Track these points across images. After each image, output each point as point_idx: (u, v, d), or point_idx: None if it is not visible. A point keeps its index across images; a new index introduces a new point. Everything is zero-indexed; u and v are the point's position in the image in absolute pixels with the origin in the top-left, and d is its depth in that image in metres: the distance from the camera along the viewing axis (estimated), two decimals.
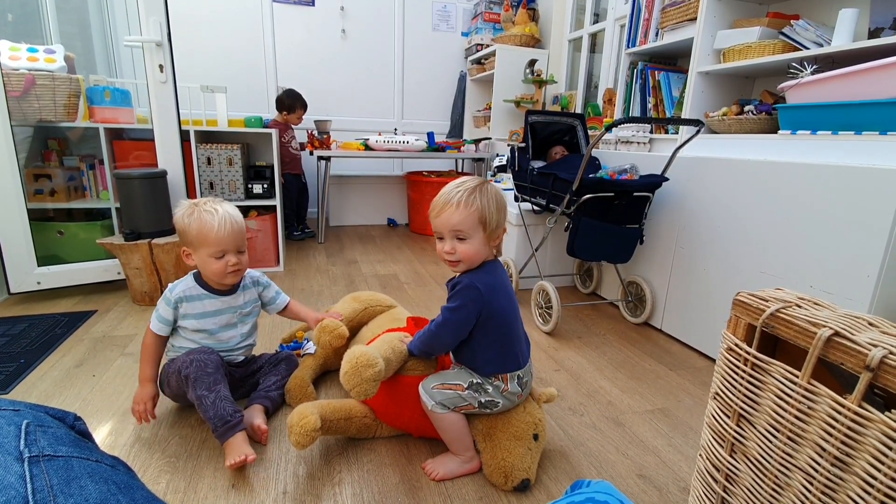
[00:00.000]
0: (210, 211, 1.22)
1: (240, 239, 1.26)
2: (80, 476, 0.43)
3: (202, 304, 1.29)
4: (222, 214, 1.23)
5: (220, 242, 1.22)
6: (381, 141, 3.45)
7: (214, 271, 1.25)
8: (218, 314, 1.31)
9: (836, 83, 1.49)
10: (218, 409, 1.14)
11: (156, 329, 1.27)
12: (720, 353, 0.77)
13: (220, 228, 1.21)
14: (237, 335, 1.35)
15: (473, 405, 1.10)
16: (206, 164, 2.54)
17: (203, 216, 1.22)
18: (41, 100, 2.10)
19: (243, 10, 3.73)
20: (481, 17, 4.02)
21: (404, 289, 2.49)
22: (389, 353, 1.12)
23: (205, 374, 1.18)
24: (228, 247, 1.23)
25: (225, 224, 1.22)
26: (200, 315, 1.28)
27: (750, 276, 1.61)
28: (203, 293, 1.29)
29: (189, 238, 1.24)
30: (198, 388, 1.16)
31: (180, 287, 1.28)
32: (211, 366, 1.20)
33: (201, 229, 1.21)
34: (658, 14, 2.29)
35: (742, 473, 0.73)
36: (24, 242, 2.02)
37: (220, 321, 1.31)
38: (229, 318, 1.33)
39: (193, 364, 1.19)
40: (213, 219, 1.21)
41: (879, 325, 0.62)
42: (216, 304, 1.30)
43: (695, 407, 1.48)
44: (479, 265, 1.11)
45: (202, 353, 1.23)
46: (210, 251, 1.23)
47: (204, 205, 1.24)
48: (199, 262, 1.26)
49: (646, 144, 2.32)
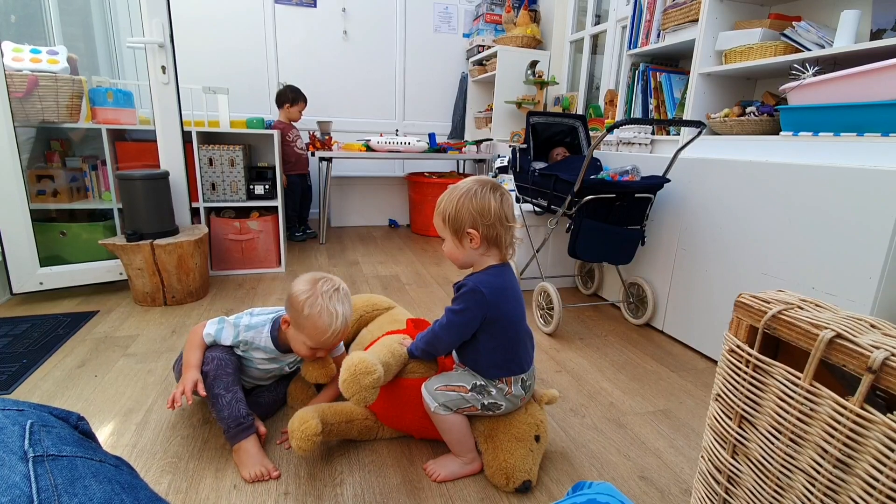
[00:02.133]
0: (331, 313, 1.16)
1: (341, 339, 1.24)
2: (84, 476, 0.43)
3: (262, 353, 1.28)
4: (339, 322, 1.16)
5: (322, 343, 1.18)
6: (382, 142, 3.45)
7: (299, 351, 1.23)
8: (269, 362, 1.31)
9: (838, 85, 1.49)
10: (233, 409, 1.14)
11: (207, 339, 1.24)
12: (722, 354, 0.77)
13: (332, 334, 1.16)
14: (274, 375, 1.37)
15: (476, 407, 1.10)
16: (208, 165, 2.54)
17: (323, 314, 1.15)
18: (44, 101, 2.11)
19: (245, 11, 3.74)
20: (483, 19, 4.03)
21: (406, 290, 2.49)
22: (388, 358, 1.12)
23: (224, 374, 1.18)
24: (327, 346, 1.21)
25: (335, 332, 1.17)
26: (255, 359, 1.28)
27: (752, 278, 1.61)
28: (270, 348, 1.27)
29: (298, 320, 1.18)
30: (216, 386, 1.16)
31: (255, 331, 1.25)
32: (231, 366, 1.20)
33: (315, 325, 1.16)
34: (659, 15, 2.29)
35: (744, 475, 0.73)
36: (27, 243, 2.02)
37: (264, 364, 1.31)
38: (273, 368, 1.33)
39: (214, 362, 1.18)
40: (332, 322, 1.16)
41: (881, 327, 0.62)
42: (273, 356, 1.29)
43: (696, 408, 1.48)
44: (485, 268, 1.10)
45: (223, 353, 1.22)
46: (309, 342, 1.19)
47: (327, 295, 1.17)
48: (293, 338, 1.22)
49: (647, 146, 2.32)
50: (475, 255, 1.10)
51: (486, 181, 1.10)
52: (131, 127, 2.43)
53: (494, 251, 1.10)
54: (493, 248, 1.10)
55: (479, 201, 1.06)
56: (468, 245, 1.08)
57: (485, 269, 1.10)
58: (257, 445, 1.14)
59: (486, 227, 1.06)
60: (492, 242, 1.09)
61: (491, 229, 1.07)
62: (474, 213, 1.06)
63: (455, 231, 1.08)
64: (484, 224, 1.06)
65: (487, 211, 1.06)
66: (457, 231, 1.08)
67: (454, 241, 1.09)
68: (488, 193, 1.07)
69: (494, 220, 1.06)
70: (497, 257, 1.11)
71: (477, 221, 1.06)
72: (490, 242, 1.08)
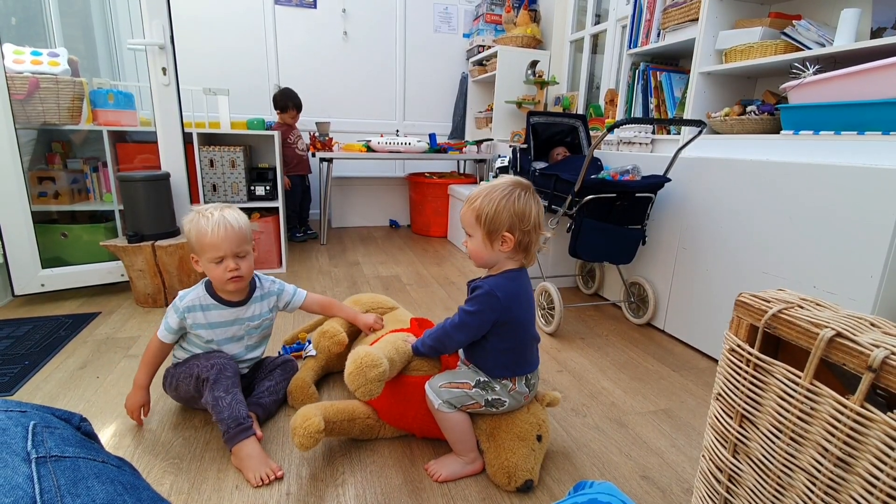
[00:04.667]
0: (207, 216, 1.21)
1: (237, 243, 1.23)
2: (87, 477, 0.43)
3: (211, 314, 1.27)
4: (217, 218, 1.21)
5: (215, 247, 1.20)
6: (382, 142, 3.46)
7: (215, 277, 1.24)
8: (225, 325, 1.29)
9: (839, 83, 1.49)
10: (233, 410, 1.15)
11: (162, 336, 1.27)
12: (722, 353, 0.77)
13: (213, 233, 1.19)
14: (241, 348, 1.34)
15: (480, 403, 1.10)
16: (209, 167, 2.55)
17: (199, 221, 1.21)
18: (45, 103, 2.12)
19: (246, 12, 3.74)
20: (483, 19, 4.03)
21: (407, 290, 2.49)
22: (393, 354, 1.13)
23: (224, 378, 1.19)
24: (225, 251, 1.21)
25: (218, 228, 1.20)
26: (209, 325, 1.27)
27: (752, 277, 1.61)
28: (212, 303, 1.27)
29: (192, 244, 1.24)
30: (216, 389, 1.17)
31: (190, 296, 1.27)
32: (230, 370, 1.22)
33: (198, 234, 1.20)
34: (659, 15, 2.29)
35: (745, 474, 0.73)
36: (29, 245, 2.03)
37: (227, 333, 1.30)
38: (236, 331, 1.31)
39: (214, 368, 1.20)
40: (208, 223, 1.20)
41: (881, 325, 0.62)
42: (224, 315, 1.29)
43: (697, 408, 1.48)
44: (503, 271, 1.09)
45: (222, 358, 1.24)
46: (208, 256, 1.21)
47: (205, 210, 1.23)
48: (204, 268, 1.25)
49: (648, 145, 2.32)
50: (500, 258, 1.09)
51: (525, 184, 1.08)
52: (132, 128, 2.43)
53: (521, 256, 1.09)
54: (521, 253, 1.08)
55: (521, 205, 1.04)
56: (498, 247, 1.06)
57: (502, 273, 1.09)
58: (258, 446, 1.14)
59: (522, 232, 1.04)
60: (523, 248, 1.07)
61: (526, 236, 1.05)
62: (514, 218, 1.03)
63: (490, 232, 1.05)
64: (521, 230, 1.04)
65: (528, 217, 1.04)
66: (491, 232, 1.05)
67: (484, 241, 1.07)
68: (530, 199, 1.05)
69: (531, 226, 1.05)
70: (519, 262, 1.10)
71: (515, 226, 1.04)
72: (521, 248, 1.07)
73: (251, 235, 1.29)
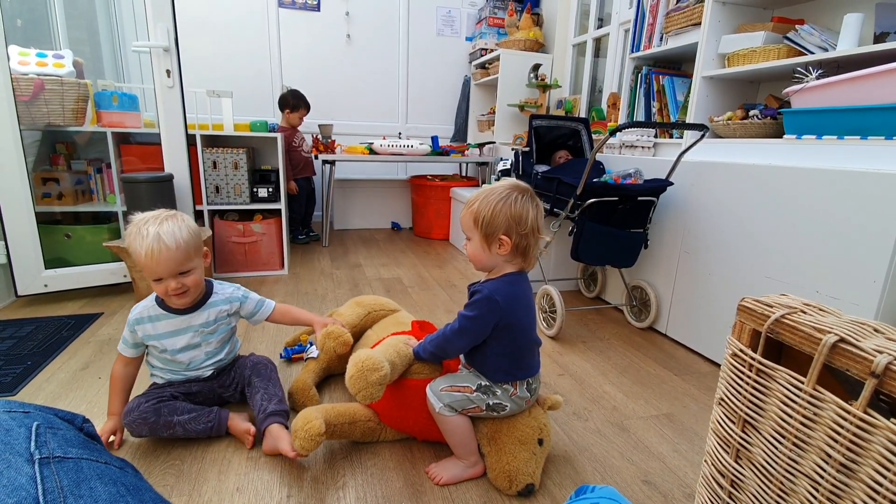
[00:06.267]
0: (143, 233, 1.10)
1: (175, 264, 1.12)
2: (89, 477, 0.43)
3: (159, 325, 1.20)
4: (151, 238, 1.09)
5: (150, 270, 1.11)
6: (385, 145, 3.46)
7: (158, 293, 1.18)
8: (175, 335, 1.22)
9: (842, 88, 1.49)
10: (197, 425, 1.19)
11: (120, 349, 1.21)
12: (725, 358, 0.77)
13: (147, 256, 1.09)
14: (200, 355, 1.26)
15: (481, 407, 1.10)
16: (212, 168, 2.55)
17: (135, 240, 1.10)
18: (50, 104, 2.13)
19: (250, 15, 3.76)
20: (485, 22, 4.04)
21: (408, 293, 2.49)
22: (394, 357, 1.13)
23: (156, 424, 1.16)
24: (161, 273, 1.12)
25: (152, 252, 1.09)
26: (158, 336, 1.21)
27: (755, 282, 1.61)
28: (161, 313, 1.20)
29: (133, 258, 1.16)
30: (161, 432, 1.18)
31: (139, 308, 1.21)
32: (151, 414, 1.16)
33: (134, 253, 1.11)
34: (662, 19, 2.29)
35: (747, 479, 0.73)
36: (32, 245, 2.04)
37: (179, 342, 1.22)
38: (189, 339, 1.23)
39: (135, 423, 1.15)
40: (142, 245, 1.09)
41: (885, 331, 0.62)
42: (174, 325, 1.21)
43: (700, 412, 1.47)
44: (502, 275, 1.09)
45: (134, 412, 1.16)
46: (147, 274, 1.13)
47: (143, 224, 1.12)
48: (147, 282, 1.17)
49: (650, 149, 2.32)
50: (499, 261, 1.09)
51: (523, 188, 1.08)
52: (136, 130, 2.44)
53: (519, 260, 1.09)
54: (519, 256, 1.08)
55: (517, 209, 1.04)
56: (496, 250, 1.06)
57: (501, 277, 1.09)
58: (239, 421, 1.21)
59: (519, 235, 1.05)
60: (520, 252, 1.07)
61: (524, 239, 1.05)
62: (511, 221, 1.04)
63: (487, 235, 1.06)
64: (518, 233, 1.05)
65: (525, 220, 1.04)
66: (488, 236, 1.05)
67: (482, 245, 1.07)
68: (527, 202, 1.06)
69: (529, 230, 1.05)
70: (519, 266, 1.10)
71: (511, 229, 1.04)
72: (518, 251, 1.07)
73: (198, 245, 1.18)
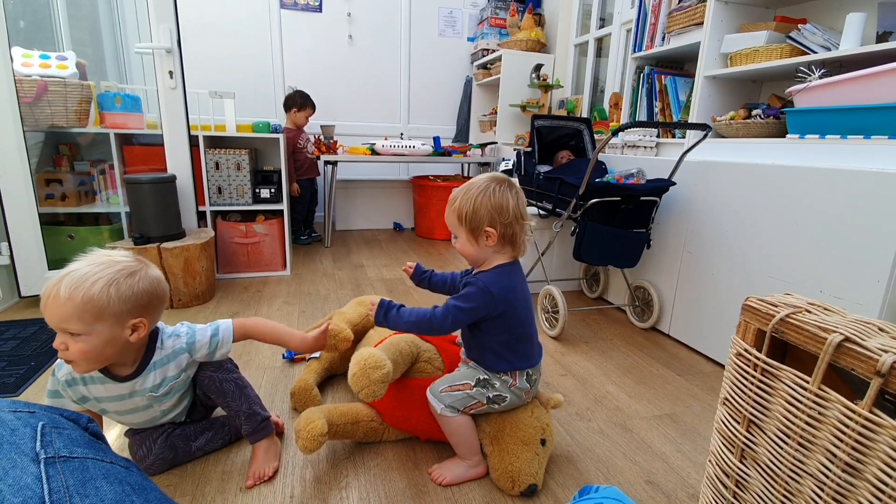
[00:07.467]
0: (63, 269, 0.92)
1: (55, 317, 0.87)
2: (95, 477, 0.43)
3: (94, 388, 1.00)
4: (53, 282, 0.88)
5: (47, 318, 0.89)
6: (387, 145, 3.47)
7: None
8: (120, 399, 1.02)
9: (845, 87, 1.48)
10: (214, 448, 1.18)
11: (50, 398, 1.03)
12: (729, 358, 0.76)
13: (42, 303, 0.88)
14: (156, 413, 1.10)
15: (482, 402, 1.10)
16: (215, 169, 2.56)
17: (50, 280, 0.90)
18: (53, 106, 2.13)
19: (252, 16, 3.77)
20: (487, 23, 4.04)
21: (410, 293, 2.49)
22: (397, 356, 1.13)
23: (175, 458, 1.13)
24: (48, 321, 0.89)
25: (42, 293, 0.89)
26: (97, 400, 1.02)
27: (759, 281, 1.60)
28: (97, 375, 0.99)
29: None
30: (183, 461, 1.15)
31: (67, 367, 0.98)
32: (167, 451, 1.12)
33: None
34: (664, 18, 2.29)
35: (752, 479, 0.72)
36: (36, 246, 2.04)
37: (126, 405, 1.04)
38: (138, 402, 1.05)
39: (155, 466, 1.10)
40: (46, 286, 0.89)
41: (890, 330, 0.61)
42: (115, 390, 1.01)
43: (703, 412, 1.47)
44: (494, 266, 1.10)
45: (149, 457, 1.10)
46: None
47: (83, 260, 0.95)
48: None
49: (652, 149, 2.32)
50: (489, 252, 1.10)
51: (501, 178, 1.10)
52: (139, 131, 2.45)
53: (508, 249, 1.10)
54: (507, 245, 1.10)
55: (498, 199, 1.06)
56: (484, 243, 1.08)
57: (493, 269, 1.10)
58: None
59: (503, 225, 1.06)
60: (508, 240, 1.09)
61: (508, 228, 1.07)
62: (492, 212, 1.05)
63: (472, 229, 1.07)
64: (502, 223, 1.06)
65: (506, 209, 1.06)
66: (474, 230, 1.07)
67: (469, 239, 1.08)
68: (506, 191, 1.07)
69: (512, 218, 1.06)
70: (510, 255, 1.11)
71: (495, 220, 1.06)
72: (506, 240, 1.08)
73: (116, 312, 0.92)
